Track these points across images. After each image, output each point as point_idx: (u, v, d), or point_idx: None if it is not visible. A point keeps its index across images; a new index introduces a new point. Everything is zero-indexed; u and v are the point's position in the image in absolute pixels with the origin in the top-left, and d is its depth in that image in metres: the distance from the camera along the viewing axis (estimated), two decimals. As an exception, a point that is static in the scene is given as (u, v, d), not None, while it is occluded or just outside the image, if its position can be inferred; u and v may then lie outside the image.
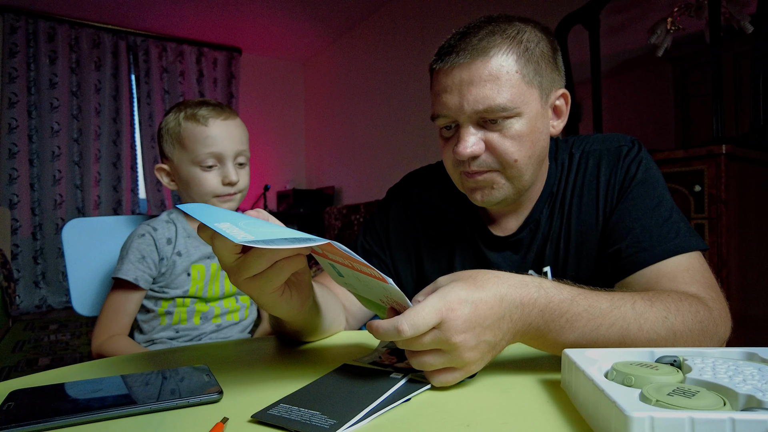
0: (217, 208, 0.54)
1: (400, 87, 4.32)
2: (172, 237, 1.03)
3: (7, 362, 2.74)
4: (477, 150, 0.69)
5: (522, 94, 0.68)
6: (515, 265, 0.81)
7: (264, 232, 0.43)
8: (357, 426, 0.41)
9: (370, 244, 0.91)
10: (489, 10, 0.86)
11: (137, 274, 0.97)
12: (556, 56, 0.73)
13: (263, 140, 5.74)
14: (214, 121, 1.00)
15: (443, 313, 0.45)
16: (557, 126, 0.76)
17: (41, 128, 4.52)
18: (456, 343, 0.46)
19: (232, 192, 1.02)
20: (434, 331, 0.46)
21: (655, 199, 0.72)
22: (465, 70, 0.67)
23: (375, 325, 0.48)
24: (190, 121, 1.00)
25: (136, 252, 0.99)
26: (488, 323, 0.47)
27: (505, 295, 0.49)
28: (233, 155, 1.01)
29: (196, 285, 1.02)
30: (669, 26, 2.27)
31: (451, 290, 0.47)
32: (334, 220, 4.32)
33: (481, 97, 0.66)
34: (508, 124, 0.68)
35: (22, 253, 4.43)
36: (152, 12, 4.60)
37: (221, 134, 1.00)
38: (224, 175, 1.00)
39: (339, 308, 0.77)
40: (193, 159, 1.00)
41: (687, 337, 0.55)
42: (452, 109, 0.69)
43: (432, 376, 0.48)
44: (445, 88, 0.69)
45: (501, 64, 0.67)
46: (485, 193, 0.73)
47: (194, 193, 1.02)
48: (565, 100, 0.75)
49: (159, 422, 0.43)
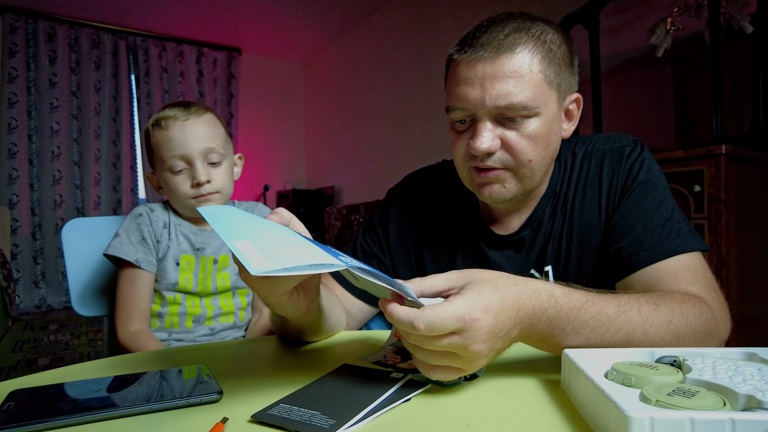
0: (238, 212, 0.53)
1: (400, 87, 4.32)
2: (167, 221, 1.04)
3: (6, 362, 2.73)
4: (493, 146, 0.69)
5: (543, 94, 0.68)
6: (517, 264, 0.81)
7: (283, 257, 0.41)
8: (357, 426, 0.41)
9: (369, 245, 0.91)
10: (489, 10, 0.86)
11: (138, 255, 0.97)
12: (573, 60, 0.73)
13: (263, 140, 5.73)
14: (174, 123, 0.98)
15: (466, 322, 0.44)
16: (568, 129, 0.76)
17: (41, 128, 4.52)
18: (474, 352, 0.45)
19: (205, 192, 0.99)
20: (454, 336, 0.45)
21: (657, 199, 0.72)
22: (489, 64, 0.66)
23: (391, 308, 0.46)
24: (156, 128, 1.00)
25: (136, 232, 0.98)
26: (503, 333, 0.47)
27: (522, 304, 0.48)
28: (200, 154, 0.98)
29: (185, 277, 1.02)
30: (669, 26, 2.27)
31: (478, 296, 0.46)
32: (334, 220, 4.32)
33: (504, 93, 0.66)
34: (526, 123, 0.68)
35: (22, 253, 4.43)
36: (152, 12, 4.60)
37: (183, 135, 0.97)
38: (193, 176, 0.98)
39: (341, 310, 0.77)
40: (163, 164, 0.99)
41: (690, 339, 0.55)
42: (472, 103, 0.68)
43: (431, 370, 0.47)
44: (467, 80, 0.68)
45: (526, 62, 0.66)
46: (494, 190, 0.73)
47: (172, 197, 1.02)
48: (578, 105, 0.75)
49: (159, 422, 0.43)
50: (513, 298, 0.48)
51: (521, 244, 0.81)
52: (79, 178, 4.69)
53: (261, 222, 0.52)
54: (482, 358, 0.47)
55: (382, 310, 0.48)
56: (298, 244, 0.46)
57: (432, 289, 0.50)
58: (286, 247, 0.44)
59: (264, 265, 0.39)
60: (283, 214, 0.56)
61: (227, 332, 1.06)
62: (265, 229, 0.49)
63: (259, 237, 0.45)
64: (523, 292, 0.49)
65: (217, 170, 1.01)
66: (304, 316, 0.59)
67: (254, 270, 0.38)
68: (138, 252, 0.98)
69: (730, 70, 2.09)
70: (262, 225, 0.50)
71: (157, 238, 1.01)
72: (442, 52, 3.78)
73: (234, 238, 0.43)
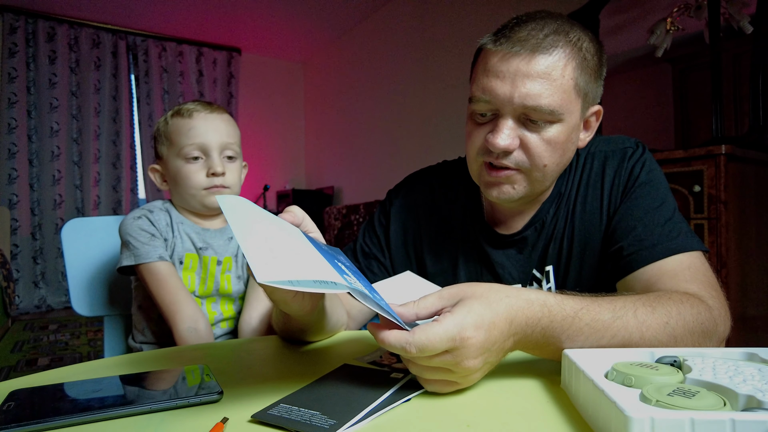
0: (254, 206, 0.52)
1: (400, 87, 4.32)
2: (167, 222, 1.03)
3: (6, 362, 2.73)
4: (512, 145, 0.68)
5: (570, 101, 0.67)
6: (519, 264, 0.81)
7: (290, 267, 0.41)
8: (357, 426, 0.41)
9: (369, 246, 0.91)
10: (490, 10, 0.86)
11: (159, 252, 0.95)
12: (602, 72, 0.72)
13: (263, 140, 5.73)
14: (199, 113, 1.00)
15: (456, 341, 0.44)
16: (584, 139, 0.75)
17: (41, 128, 4.52)
18: (468, 368, 0.45)
19: (218, 184, 0.99)
20: (446, 354, 0.45)
21: (658, 199, 0.72)
22: (524, 61, 0.65)
23: (382, 335, 0.46)
24: (176, 117, 1.01)
25: (144, 233, 0.97)
26: (496, 347, 0.47)
27: (514, 317, 0.48)
28: (218, 147, 1.00)
29: (188, 276, 1.01)
30: (668, 26, 2.27)
31: (467, 314, 0.45)
32: (334, 220, 4.32)
33: (533, 93, 0.65)
34: (548, 127, 0.67)
35: (22, 253, 4.43)
36: (152, 12, 4.59)
37: (205, 126, 0.99)
38: (209, 166, 0.99)
39: (343, 310, 0.77)
40: (178, 152, 0.99)
41: (687, 340, 0.55)
42: (499, 97, 0.66)
43: (427, 383, 0.48)
44: (498, 74, 0.66)
45: (560, 66, 0.65)
46: (503, 190, 0.72)
47: (182, 188, 1.00)
48: (597, 117, 0.75)
49: (159, 422, 0.43)
50: (505, 311, 0.47)
51: (524, 244, 0.81)
52: (78, 178, 4.69)
53: (275, 222, 0.52)
54: (476, 372, 0.47)
55: (373, 336, 0.48)
56: (306, 253, 0.46)
57: (427, 310, 0.50)
58: (294, 255, 0.44)
59: (270, 274, 0.39)
60: (297, 213, 0.56)
61: (226, 337, 1.06)
62: (278, 230, 0.49)
63: (271, 239, 0.45)
64: (515, 304, 0.48)
65: (231, 166, 1.02)
66: (307, 315, 0.59)
67: (260, 278, 0.38)
68: (157, 249, 0.96)
69: (729, 70, 2.09)
70: (276, 225, 0.50)
71: (164, 236, 1.00)
72: (442, 53, 3.78)
73: (247, 237, 0.43)
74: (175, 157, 1.00)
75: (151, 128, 5.05)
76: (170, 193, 1.06)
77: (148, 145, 5.05)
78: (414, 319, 0.50)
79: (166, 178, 1.04)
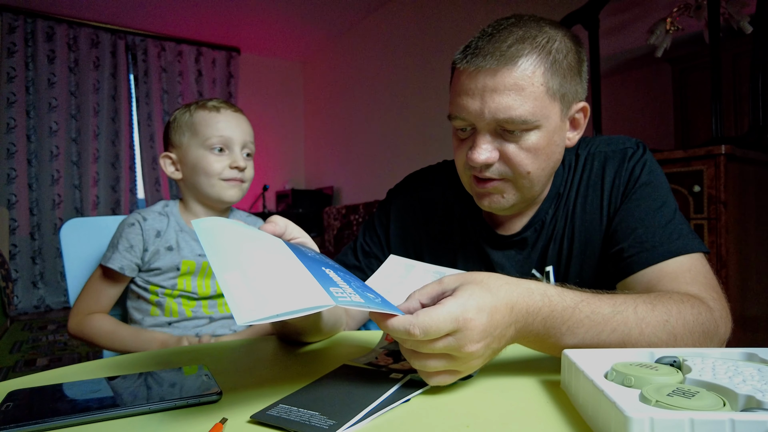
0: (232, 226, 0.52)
1: (399, 87, 4.32)
2: (162, 229, 1.04)
3: (5, 363, 2.73)
4: (491, 159, 0.69)
5: (544, 107, 0.67)
6: (519, 264, 0.81)
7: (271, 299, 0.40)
8: (356, 426, 0.41)
9: (369, 245, 0.91)
10: (489, 9, 0.86)
11: (123, 263, 1.00)
12: (581, 67, 0.72)
13: (262, 140, 5.72)
14: (226, 110, 1.06)
15: (460, 323, 0.44)
16: (573, 138, 0.75)
17: (40, 128, 4.51)
18: (470, 353, 0.45)
19: (238, 177, 1.05)
20: (448, 338, 0.45)
21: (659, 200, 0.72)
22: (490, 76, 0.65)
23: (387, 321, 0.46)
24: (203, 109, 1.05)
25: (125, 241, 1.01)
26: (498, 332, 0.47)
27: (515, 303, 0.48)
28: (241, 143, 1.05)
29: (184, 279, 1.03)
30: (668, 26, 2.27)
31: (470, 297, 0.46)
32: (333, 220, 4.32)
33: (503, 107, 0.65)
34: (526, 136, 0.67)
35: (21, 253, 4.42)
36: (151, 12, 4.59)
37: (232, 122, 1.05)
38: (232, 159, 1.04)
39: (341, 311, 0.77)
40: (203, 142, 1.03)
41: (687, 339, 0.55)
42: (471, 114, 0.67)
43: (430, 376, 0.48)
44: (467, 91, 0.68)
45: (527, 75, 0.65)
46: (493, 200, 0.73)
47: (201, 176, 1.03)
48: (584, 114, 0.75)
49: (158, 422, 0.43)
50: (505, 297, 0.48)
51: (523, 245, 0.81)
52: (77, 177, 4.69)
53: (254, 240, 0.50)
54: (478, 357, 0.47)
55: (377, 324, 0.48)
56: (288, 274, 0.45)
57: (428, 296, 0.50)
58: (275, 283, 0.43)
59: (249, 315, 0.38)
60: (278, 222, 0.56)
61: (227, 321, 1.06)
62: (257, 251, 0.48)
63: (251, 266, 0.44)
64: (515, 291, 0.49)
65: (249, 163, 1.08)
66: (304, 319, 0.59)
67: (239, 320, 0.37)
68: (124, 259, 1.00)
69: (729, 70, 2.09)
70: (255, 245, 0.49)
71: (145, 246, 1.02)
72: (441, 52, 3.79)
73: (224, 270, 0.42)
74: (198, 146, 1.03)
75: (150, 128, 5.05)
76: (183, 183, 1.08)
77: (147, 145, 5.05)
78: (415, 306, 0.50)
79: (180, 167, 1.07)
